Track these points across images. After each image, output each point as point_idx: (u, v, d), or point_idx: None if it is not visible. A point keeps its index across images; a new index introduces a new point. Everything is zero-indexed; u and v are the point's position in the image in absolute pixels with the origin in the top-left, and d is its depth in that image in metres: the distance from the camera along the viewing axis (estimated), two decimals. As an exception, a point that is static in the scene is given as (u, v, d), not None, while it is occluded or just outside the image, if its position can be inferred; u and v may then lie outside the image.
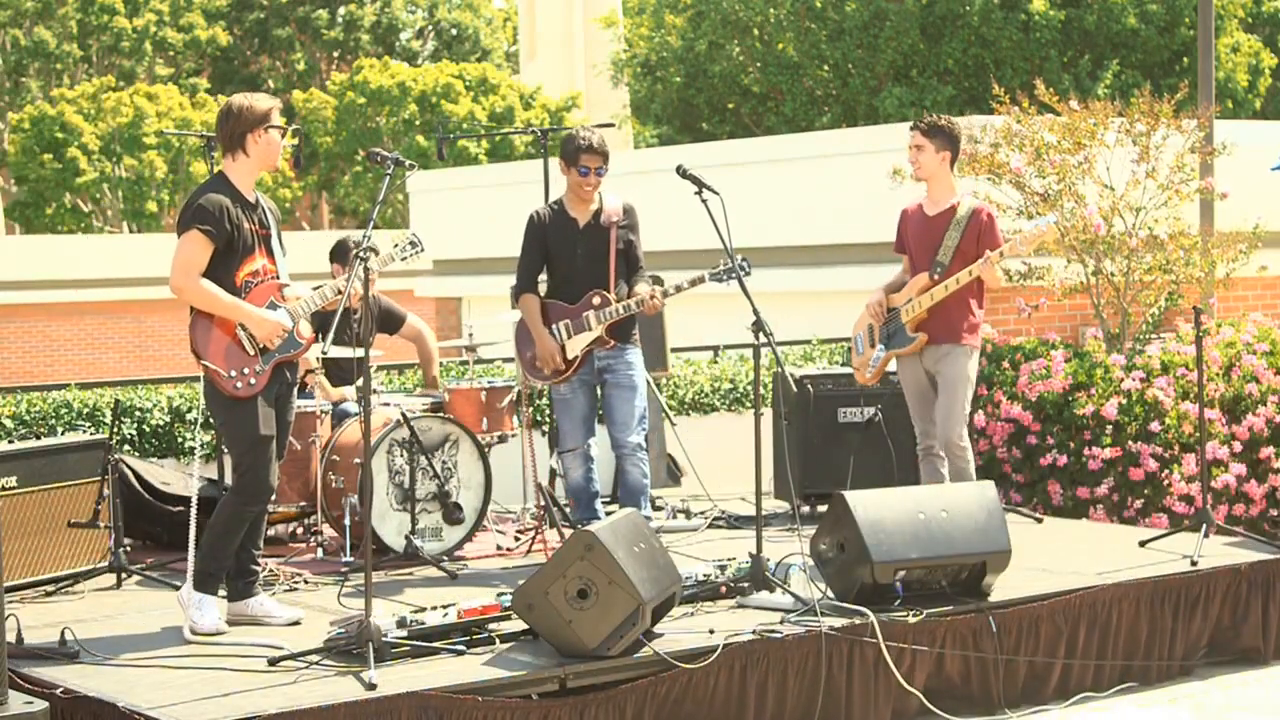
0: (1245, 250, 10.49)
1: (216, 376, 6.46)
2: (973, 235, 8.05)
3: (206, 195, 6.49)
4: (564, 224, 7.90)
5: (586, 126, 7.98)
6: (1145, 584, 7.20)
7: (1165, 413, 9.69)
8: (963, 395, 8.10)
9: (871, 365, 8.38)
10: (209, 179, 6.69)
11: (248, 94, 6.70)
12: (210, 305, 6.46)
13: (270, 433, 6.53)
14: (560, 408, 7.99)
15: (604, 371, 7.89)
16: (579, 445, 7.91)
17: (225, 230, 6.44)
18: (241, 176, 6.61)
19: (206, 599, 6.53)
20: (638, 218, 8.00)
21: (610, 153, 7.85)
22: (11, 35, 41.14)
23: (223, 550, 6.58)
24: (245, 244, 6.51)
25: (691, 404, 11.03)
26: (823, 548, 6.85)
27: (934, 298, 8.04)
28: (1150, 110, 10.28)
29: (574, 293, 7.86)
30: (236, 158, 6.59)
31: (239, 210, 6.51)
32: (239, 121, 6.54)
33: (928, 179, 8.22)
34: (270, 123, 6.55)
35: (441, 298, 20.77)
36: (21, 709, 5.26)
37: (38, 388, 9.39)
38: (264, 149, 6.58)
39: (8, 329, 28.87)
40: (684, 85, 27.14)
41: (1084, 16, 24.32)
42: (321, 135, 38.53)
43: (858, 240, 14.14)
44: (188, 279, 6.43)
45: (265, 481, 6.54)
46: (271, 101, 6.62)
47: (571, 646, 5.95)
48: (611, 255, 7.85)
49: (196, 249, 6.42)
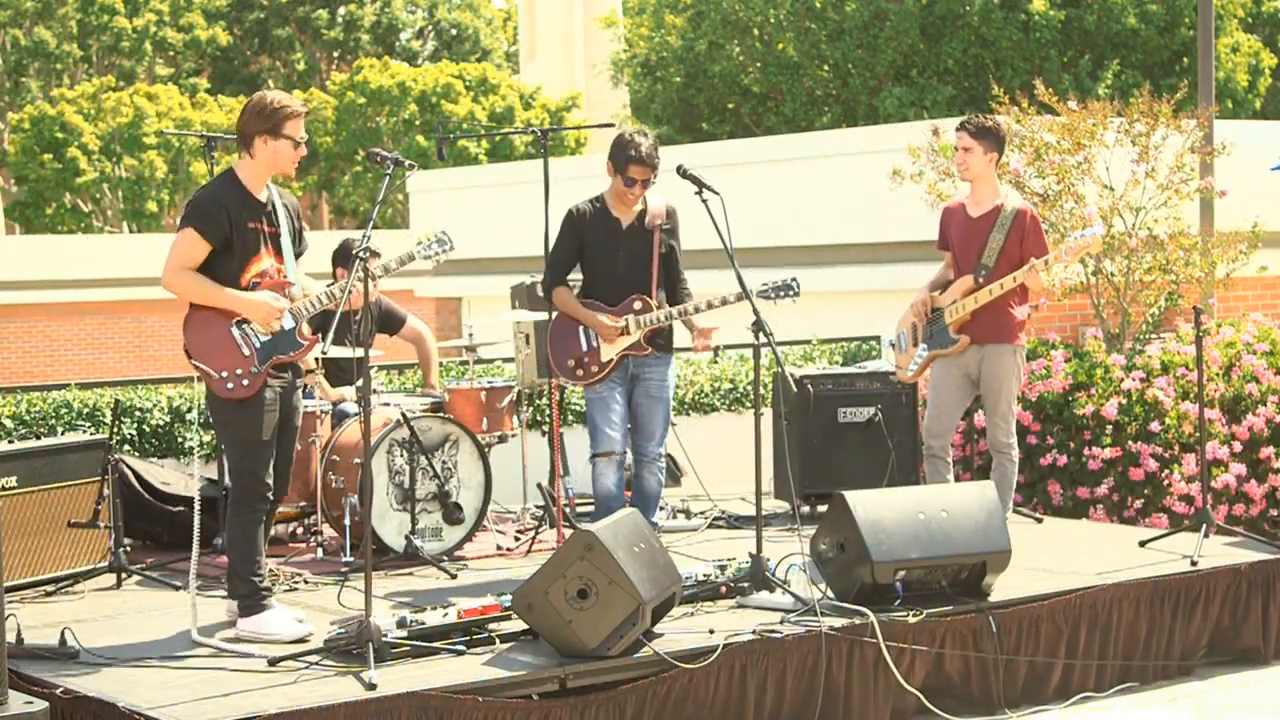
0: (1245, 250, 10.49)
1: (207, 377, 6.37)
2: (1016, 237, 8.15)
3: (207, 193, 6.41)
4: (607, 223, 7.64)
5: (641, 131, 7.65)
6: (1145, 584, 7.19)
7: (1165, 413, 9.69)
8: (1008, 396, 8.26)
9: (914, 364, 8.44)
10: (219, 175, 6.55)
11: (279, 94, 6.50)
12: (200, 296, 6.35)
13: (268, 438, 6.40)
14: (596, 406, 7.64)
15: (636, 379, 7.68)
16: (614, 450, 7.61)
17: (222, 230, 6.33)
18: (250, 176, 6.46)
19: (265, 616, 6.38)
20: (679, 220, 7.76)
21: (660, 161, 7.52)
22: (11, 35, 41.16)
23: (251, 561, 6.40)
24: (248, 245, 6.40)
25: (691, 404, 11.03)
26: (823, 548, 6.85)
27: (978, 301, 8.14)
28: (1150, 110, 10.28)
29: (614, 294, 7.62)
30: (243, 157, 6.48)
31: (243, 210, 6.38)
32: (250, 121, 6.40)
33: (974, 180, 8.27)
34: (282, 132, 6.39)
35: (441, 298, 20.78)
36: (21, 709, 5.26)
37: (38, 388, 9.38)
38: (270, 155, 6.42)
39: (8, 329, 28.87)
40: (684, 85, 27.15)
41: (1084, 16, 24.32)
42: (321, 135, 38.55)
43: (858, 240, 14.15)
44: (176, 273, 6.33)
45: (263, 482, 6.43)
46: (294, 110, 6.44)
47: (571, 646, 5.95)
48: (654, 259, 7.63)
49: (189, 246, 6.31)
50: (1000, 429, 8.32)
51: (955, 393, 8.36)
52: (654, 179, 7.54)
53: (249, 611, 6.39)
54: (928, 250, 11.01)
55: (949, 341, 8.26)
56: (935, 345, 8.33)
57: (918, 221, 11.19)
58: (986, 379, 8.27)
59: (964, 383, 8.35)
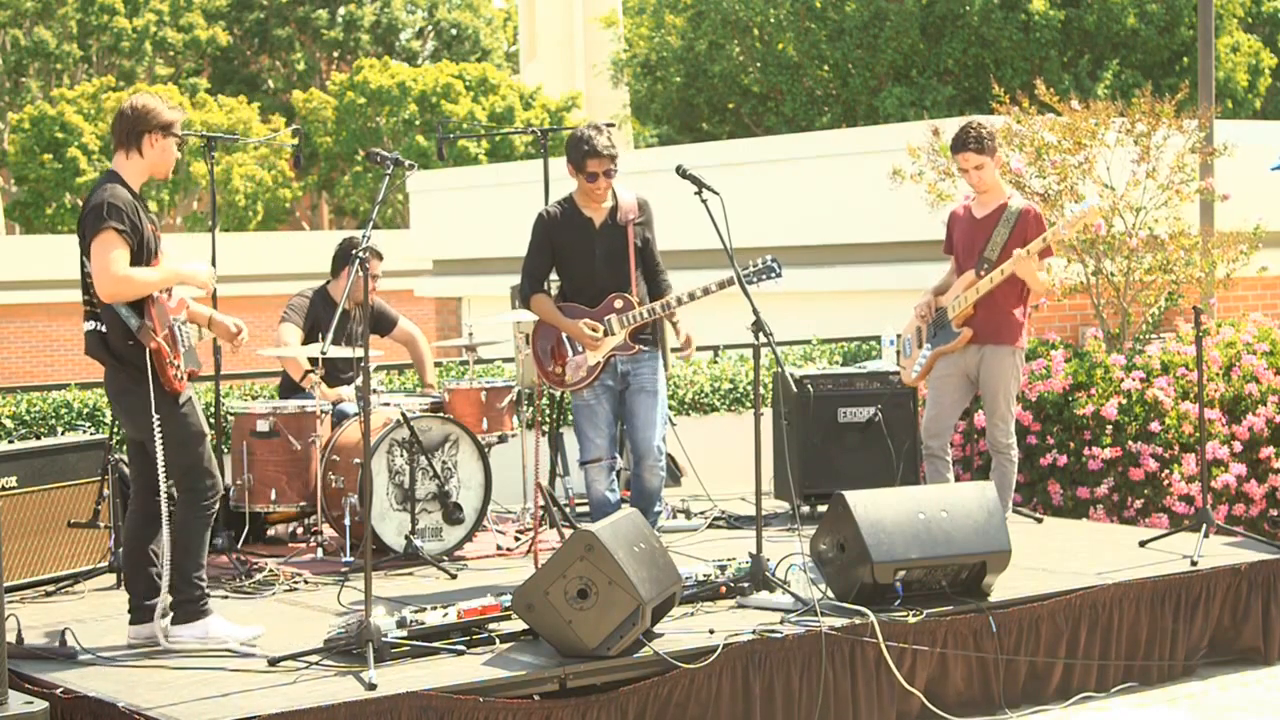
0: (1245, 251, 10.49)
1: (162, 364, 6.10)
2: (1020, 233, 8.19)
3: (114, 192, 6.10)
4: (579, 224, 7.57)
5: (592, 125, 7.57)
6: (1145, 584, 7.19)
7: (1165, 413, 9.69)
8: (1006, 396, 8.29)
9: (918, 365, 8.46)
10: (106, 175, 6.27)
11: (159, 98, 6.38)
12: (151, 286, 6.10)
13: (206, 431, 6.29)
14: (583, 415, 7.59)
15: (627, 376, 7.61)
16: (603, 456, 7.57)
17: (139, 230, 6.13)
18: (133, 177, 6.26)
19: (209, 621, 6.26)
20: (652, 212, 7.69)
21: (618, 150, 7.50)
22: (11, 35, 41.16)
23: (198, 564, 6.26)
24: (149, 248, 6.19)
25: (691, 404, 11.03)
26: (823, 548, 6.85)
27: (979, 291, 8.16)
28: (1151, 110, 10.28)
29: (593, 295, 7.55)
30: (129, 156, 6.24)
31: (141, 210, 6.20)
32: (138, 120, 6.21)
33: (987, 191, 8.29)
34: (171, 131, 6.24)
35: (441, 298, 20.77)
36: (21, 709, 5.26)
37: (38, 388, 9.37)
38: (159, 154, 6.25)
39: (8, 329, 28.87)
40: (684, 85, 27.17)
41: (1084, 16, 24.34)
42: (321, 135, 38.56)
43: (857, 240, 14.14)
44: (121, 276, 6.00)
45: (216, 474, 6.30)
46: (178, 112, 6.33)
47: (571, 646, 5.95)
48: (631, 255, 7.54)
49: (118, 248, 6.01)
50: (999, 429, 8.34)
51: (954, 393, 8.37)
52: (615, 168, 7.45)
53: (191, 618, 6.26)
54: (927, 250, 11.04)
55: (952, 336, 8.28)
56: (939, 342, 8.35)
57: (918, 221, 11.19)
58: (985, 379, 8.29)
59: (963, 383, 8.36)
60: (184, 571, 6.26)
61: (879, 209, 13.17)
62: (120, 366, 6.18)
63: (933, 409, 8.41)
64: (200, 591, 6.30)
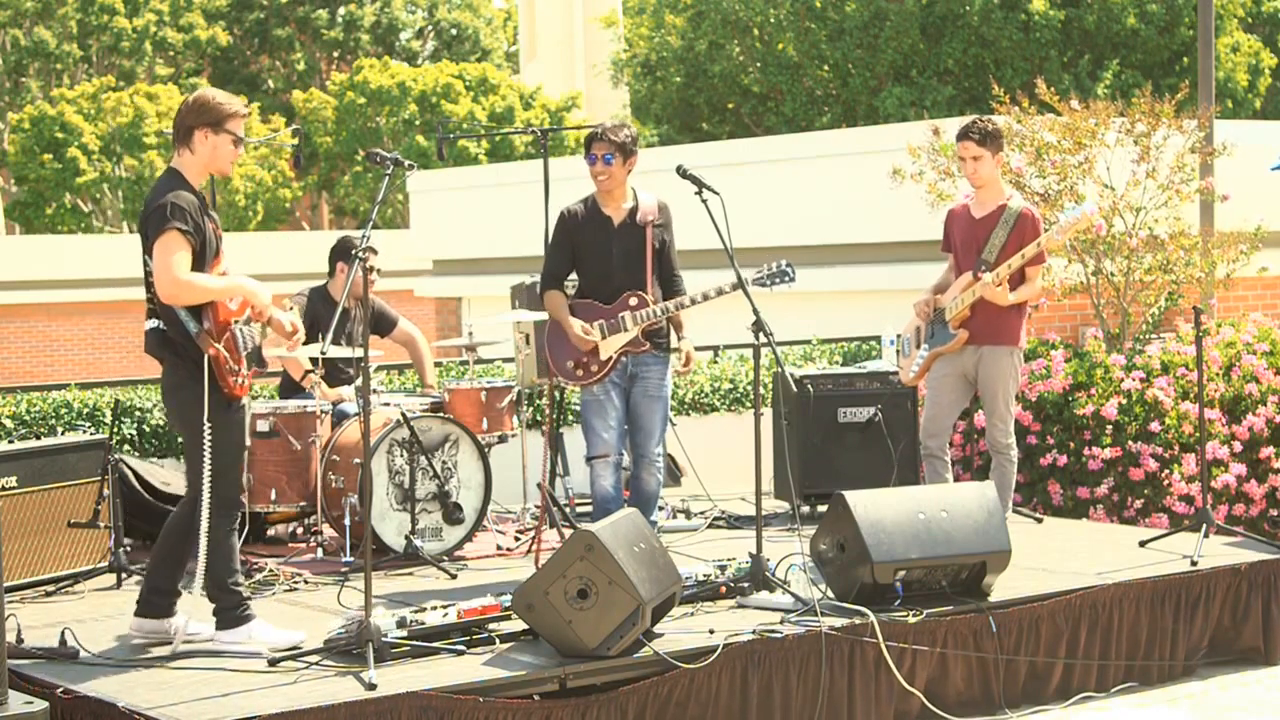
0: (1246, 251, 10.49)
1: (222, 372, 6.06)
2: (1018, 236, 8.20)
3: (176, 193, 6.02)
4: (598, 222, 7.65)
5: (620, 122, 7.76)
6: (1145, 584, 7.19)
7: (1165, 413, 9.69)
8: (1005, 396, 8.30)
9: (916, 365, 8.46)
10: (166, 175, 6.19)
11: (219, 92, 6.24)
12: (211, 294, 6.03)
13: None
14: (592, 409, 7.63)
15: (635, 377, 7.65)
16: (610, 452, 7.60)
17: (201, 231, 6.05)
18: (193, 175, 6.16)
19: (252, 627, 6.21)
20: (671, 215, 7.77)
21: (628, 141, 7.58)
22: (11, 35, 41.15)
23: (233, 570, 6.21)
24: (211, 247, 6.13)
25: (691, 404, 11.03)
26: (823, 548, 6.85)
27: (975, 294, 8.15)
28: (1151, 110, 10.28)
29: (609, 293, 7.60)
30: (182, 153, 6.17)
31: (202, 209, 6.12)
32: (189, 115, 6.14)
33: (984, 186, 8.28)
34: (224, 128, 6.12)
35: (441, 298, 20.77)
36: (21, 709, 5.26)
37: (38, 388, 9.38)
38: (210, 151, 6.14)
39: (8, 329, 28.87)
40: (684, 85, 27.17)
41: (1084, 16, 24.34)
42: (321, 135, 38.55)
43: (857, 240, 14.15)
44: (182, 281, 5.93)
45: (240, 487, 6.32)
46: (236, 108, 6.17)
47: (571, 646, 5.95)
48: (648, 255, 7.60)
49: (181, 250, 5.94)
50: (999, 429, 8.34)
51: (952, 393, 8.38)
52: (616, 154, 7.56)
53: (234, 624, 6.21)
54: (928, 250, 11.02)
55: (948, 337, 8.29)
56: (936, 343, 8.36)
57: (918, 221, 11.19)
58: (984, 380, 8.29)
59: (961, 383, 8.37)
60: (218, 578, 6.19)
61: (879, 209, 13.17)
62: (179, 362, 6.08)
63: (931, 409, 8.42)
64: (239, 597, 6.24)
